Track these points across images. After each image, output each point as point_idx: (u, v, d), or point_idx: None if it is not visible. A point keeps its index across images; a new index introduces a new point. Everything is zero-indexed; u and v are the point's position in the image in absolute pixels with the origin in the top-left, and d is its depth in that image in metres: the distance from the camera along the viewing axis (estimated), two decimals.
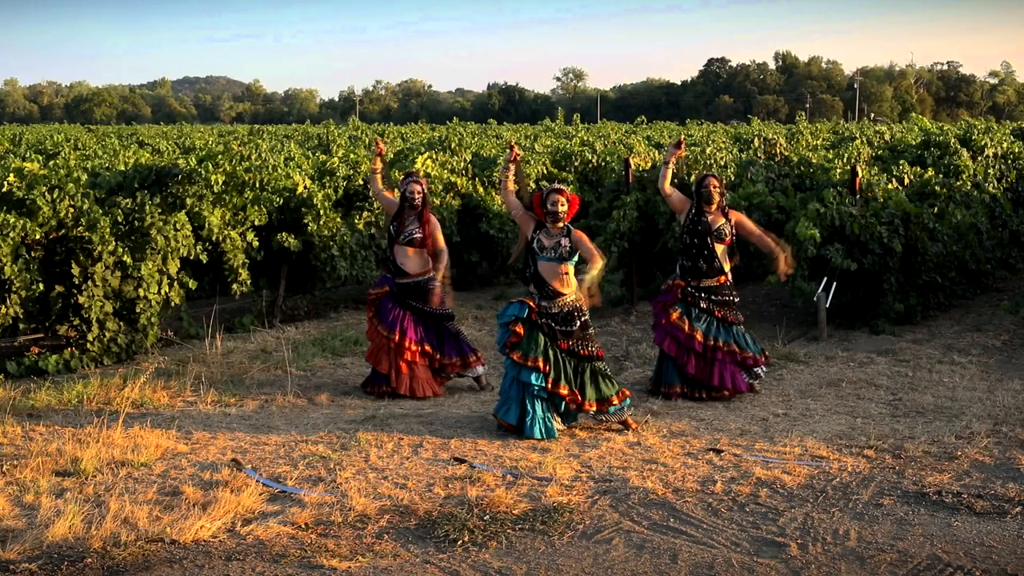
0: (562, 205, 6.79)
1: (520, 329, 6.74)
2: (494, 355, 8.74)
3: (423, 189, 7.99)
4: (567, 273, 6.82)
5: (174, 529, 4.97)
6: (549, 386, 6.70)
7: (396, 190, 8.31)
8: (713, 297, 7.69)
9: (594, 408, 6.79)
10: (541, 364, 6.69)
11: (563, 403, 6.76)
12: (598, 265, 6.75)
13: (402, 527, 5.15)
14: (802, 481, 5.79)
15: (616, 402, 6.83)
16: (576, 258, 6.85)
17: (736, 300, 7.86)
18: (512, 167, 7.04)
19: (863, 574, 4.59)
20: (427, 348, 7.87)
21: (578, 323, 6.83)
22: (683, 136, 7.88)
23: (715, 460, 6.21)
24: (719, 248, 7.68)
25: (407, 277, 7.90)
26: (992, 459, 6.18)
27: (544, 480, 5.83)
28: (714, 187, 7.66)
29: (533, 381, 6.67)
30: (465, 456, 6.31)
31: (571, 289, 6.85)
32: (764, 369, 7.98)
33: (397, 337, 7.76)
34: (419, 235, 7.88)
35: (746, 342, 7.79)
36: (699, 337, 7.61)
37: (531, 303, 6.79)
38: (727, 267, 7.76)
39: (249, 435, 6.77)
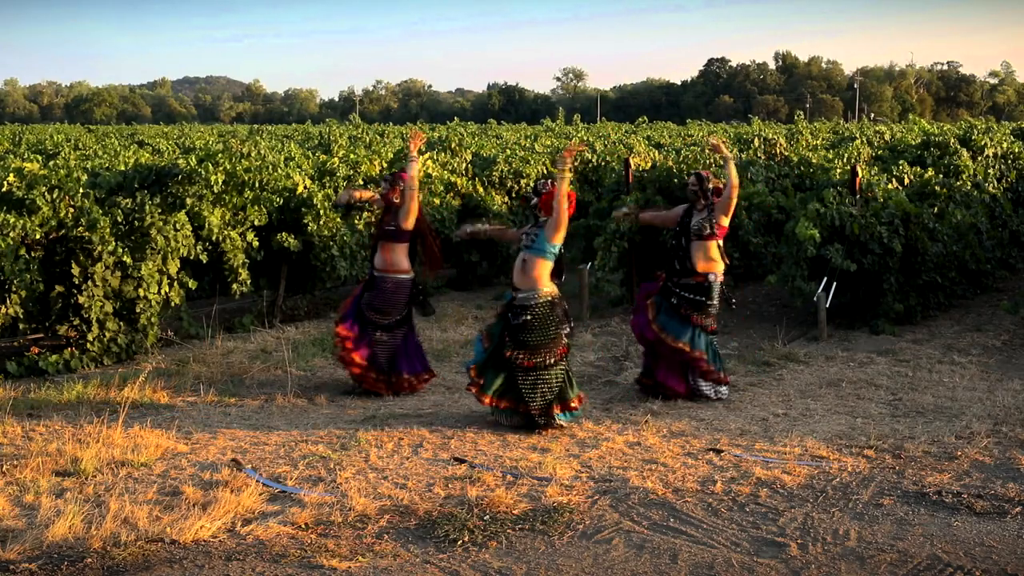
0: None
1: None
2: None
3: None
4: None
5: (174, 529, 4.97)
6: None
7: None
8: (687, 296, 7.71)
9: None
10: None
11: None
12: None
13: (402, 527, 5.15)
14: (802, 481, 5.79)
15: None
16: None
17: (714, 303, 7.77)
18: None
19: (863, 574, 4.59)
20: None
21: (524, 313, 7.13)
22: (716, 138, 8.06)
23: (715, 460, 6.21)
24: (695, 246, 7.62)
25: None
26: (992, 459, 6.18)
27: (544, 480, 5.84)
28: (692, 185, 7.79)
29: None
30: (465, 456, 6.31)
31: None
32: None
33: None
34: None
35: (712, 353, 7.86)
36: (655, 328, 7.75)
37: None
38: (704, 268, 7.65)
39: (249, 435, 6.77)
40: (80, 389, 7.60)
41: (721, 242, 7.64)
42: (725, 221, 7.62)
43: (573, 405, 6.88)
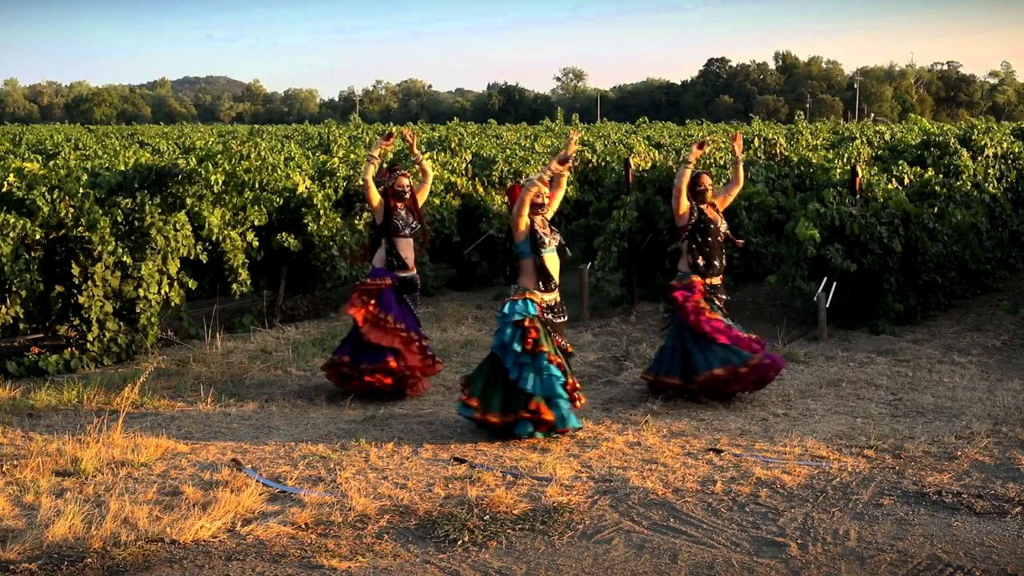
0: (545, 197, 6.83)
1: (539, 326, 6.66)
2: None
3: (410, 181, 8.03)
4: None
5: (174, 529, 4.97)
6: (569, 381, 6.68)
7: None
8: (720, 294, 7.74)
9: (582, 402, 6.85)
10: (558, 361, 6.66)
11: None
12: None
13: (402, 527, 5.15)
14: (802, 481, 5.79)
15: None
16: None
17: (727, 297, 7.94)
18: (548, 176, 6.81)
19: (863, 574, 4.59)
20: (424, 343, 7.93)
21: (566, 312, 6.92)
22: (708, 137, 8.07)
23: (715, 460, 6.21)
24: (723, 243, 7.77)
25: (407, 271, 7.92)
26: (992, 459, 6.18)
27: (544, 480, 5.84)
28: (708, 184, 7.72)
29: (555, 373, 6.60)
30: (465, 456, 6.31)
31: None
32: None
33: (402, 326, 7.75)
34: (419, 226, 7.94)
35: None
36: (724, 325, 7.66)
37: (537, 299, 6.73)
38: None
39: (249, 435, 6.77)
40: (80, 389, 7.59)
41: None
42: None
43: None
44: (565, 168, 6.83)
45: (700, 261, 7.66)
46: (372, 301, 7.76)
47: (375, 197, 7.88)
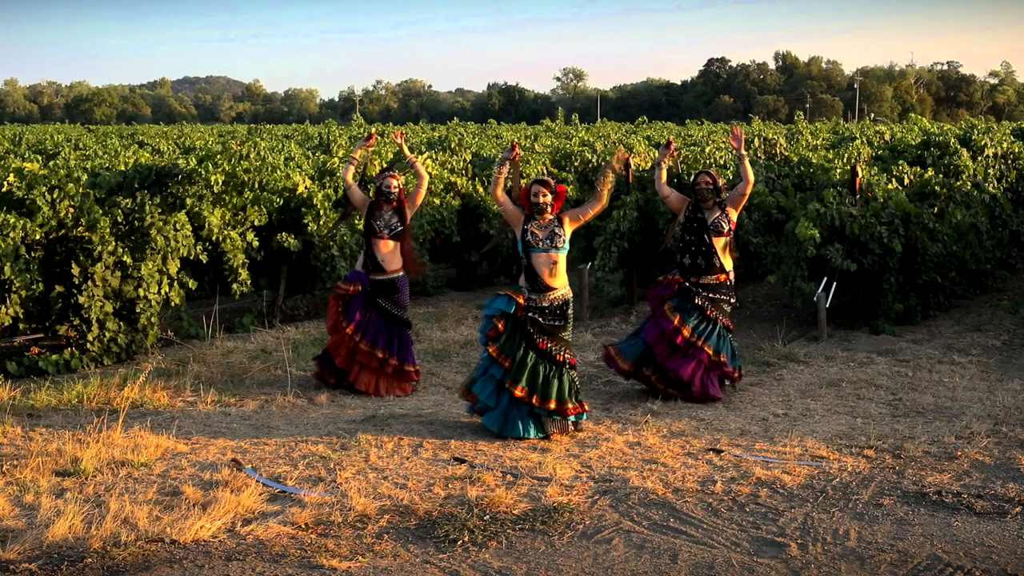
0: (544, 196, 6.79)
1: (501, 325, 6.72)
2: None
3: (399, 183, 8.02)
4: (559, 263, 6.82)
5: (174, 529, 4.97)
6: (508, 385, 6.68)
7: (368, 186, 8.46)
8: (710, 295, 7.65)
9: (553, 406, 6.70)
10: (508, 364, 6.70)
11: (522, 404, 6.71)
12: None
13: (402, 527, 5.15)
14: (802, 481, 5.79)
15: (574, 413, 6.81)
16: (567, 247, 6.86)
17: (733, 303, 7.77)
18: (507, 167, 7.00)
19: (863, 574, 4.59)
20: (379, 353, 7.90)
21: (566, 317, 6.84)
22: (672, 136, 8.11)
23: (715, 460, 6.21)
24: (718, 243, 7.61)
25: (383, 273, 7.95)
26: (992, 459, 6.19)
27: (544, 480, 5.84)
28: (705, 184, 7.66)
29: (492, 371, 6.74)
30: (465, 456, 6.31)
31: (562, 283, 6.84)
32: (734, 386, 7.93)
33: (358, 337, 7.85)
34: (401, 228, 7.93)
35: (731, 352, 7.73)
36: (686, 333, 7.55)
37: (519, 298, 6.77)
38: (728, 265, 7.71)
39: (249, 435, 6.77)
40: (80, 389, 7.59)
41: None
42: (735, 216, 7.72)
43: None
44: (504, 170, 6.98)
45: (685, 260, 7.68)
46: (339, 307, 7.98)
47: (356, 198, 8.11)
